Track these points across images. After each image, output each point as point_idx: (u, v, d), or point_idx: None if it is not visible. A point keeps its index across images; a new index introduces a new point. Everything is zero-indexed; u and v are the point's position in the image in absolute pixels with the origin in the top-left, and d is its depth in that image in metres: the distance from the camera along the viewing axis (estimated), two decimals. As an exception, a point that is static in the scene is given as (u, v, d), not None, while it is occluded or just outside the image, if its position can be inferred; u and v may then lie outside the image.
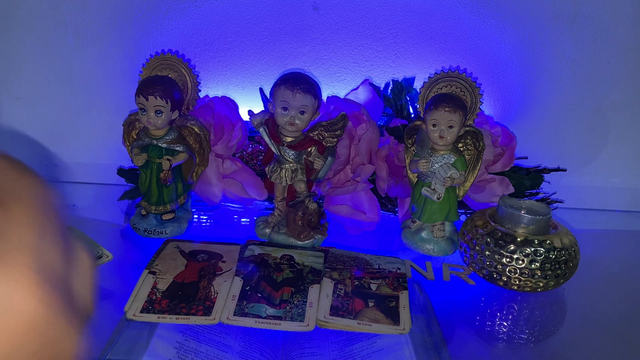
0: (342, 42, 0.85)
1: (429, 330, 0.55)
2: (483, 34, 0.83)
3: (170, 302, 0.56)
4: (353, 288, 0.61)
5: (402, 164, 0.76)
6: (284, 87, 0.65)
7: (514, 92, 0.87)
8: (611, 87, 0.86)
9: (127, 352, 0.49)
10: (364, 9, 0.83)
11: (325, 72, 0.86)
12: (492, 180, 0.78)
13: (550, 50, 0.84)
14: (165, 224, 0.73)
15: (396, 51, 0.85)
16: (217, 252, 0.68)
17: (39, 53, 0.85)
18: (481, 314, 0.61)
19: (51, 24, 0.83)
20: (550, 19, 0.82)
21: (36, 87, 0.88)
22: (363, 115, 0.77)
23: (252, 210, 0.83)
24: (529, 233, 0.61)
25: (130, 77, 0.76)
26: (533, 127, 0.88)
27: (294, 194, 0.74)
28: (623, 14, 0.81)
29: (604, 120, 0.89)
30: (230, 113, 0.80)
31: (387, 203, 0.82)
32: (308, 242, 0.71)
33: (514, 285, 0.61)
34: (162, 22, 0.83)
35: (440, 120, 0.66)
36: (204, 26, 0.84)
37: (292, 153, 0.70)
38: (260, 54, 0.85)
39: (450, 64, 0.85)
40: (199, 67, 0.86)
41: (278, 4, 0.82)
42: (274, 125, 0.69)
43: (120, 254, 0.67)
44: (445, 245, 0.72)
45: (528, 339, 0.57)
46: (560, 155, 0.90)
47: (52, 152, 0.92)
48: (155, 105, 0.66)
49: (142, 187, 0.72)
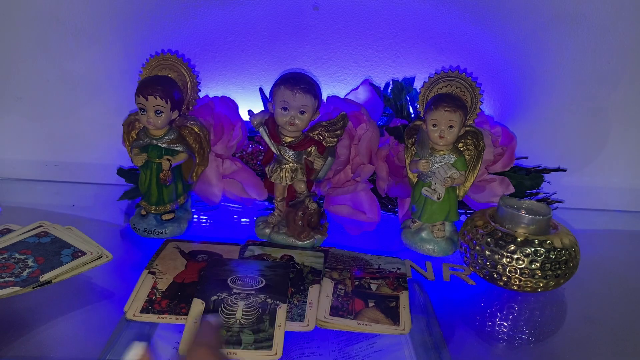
0: (342, 42, 0.85)
1: (429, 330, 0.55)
2: (483, 33, 0.83)
3: (170, 302, 0.56)
4: (353, 288, 0.61)
5: (402, 164, 0.76)
6: (284, 87, 0.65)
7: (514, 92, 0.87)
8: (611, 87, 0.86)
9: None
10: (364, 9, 0.83)
11: (325, 72, 0.86)
12: (492, 180, 0.78)
13: (550, 50, 0.84)
14: (165, 224, 0.73)
15: (396, 51, 0.85)
16: (217, 252, 0.67)
17: (39, 53, 0.85)
18: (481, 314, 0.61)
19: (51, 24, 0.83)
20: (550, 19, 0.82)
21: (36, 87, 0.88)
22: (363, 115, 0.77)
23: (252, 210, 0.82)
24: (529, 233, 0.61)
25: (130, 77, 0.76)
26: (533, 127, 0.88)
27: (294, 194, 0.74)
28: (623, 14, 0.81)
29: (604, 120, 0.89)
30: (230, 113, 0.80)
31: (387, 203, 0.82)
32: (308, 242, 0.71)
33: (514, 286, 0.61)
34: (162, 22, 0.83)
35: (440, 120, 0.66)
36: (204, 26, 0.84)
37: (292, 153, 0.70)
38: (260, 54, 0.85)
39: (450, 64, 0.85)
40: (199, 67, 0.86)
41: (278, 4, 0.82)
42: (274, 125, 0.69)
43: (120, 254, 0.67)
44: (445, 245, 0.72)
45: (528, 339, 0.57)
46: (560, 155, 0.90)
47: (52, 152, 0.92)
48: (155, 105, 0.66)
49: (142, 187, 0.72)
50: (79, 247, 0.64)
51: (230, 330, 0.52)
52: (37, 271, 0.59)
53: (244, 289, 0.58)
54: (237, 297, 0.56)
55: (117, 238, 0.74)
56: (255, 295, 0.57)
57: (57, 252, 0.63)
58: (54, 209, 0.81)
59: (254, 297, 0.56)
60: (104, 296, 0.60)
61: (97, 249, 0.64)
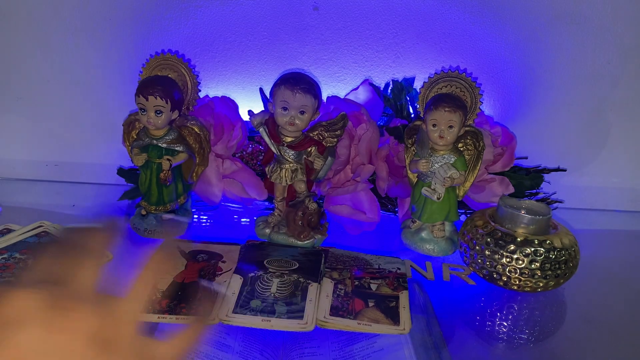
0: (342, 42, 0.85)
1: (429, 330, 0.55)
2: (483, 33, 0.83)
3: (170, 302, 0.56)
4: (353, 288, 0.61)
5: (402, 164, 0.76)
6: (284, 87, 0.65)
7: (514, 92, 0.87)
8: (611, 87, 0.86)
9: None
10: (364, 9, 0.83)
11: (325, 72, 0.86)
12: (492, 180, 0.78)
13: (550, 50, 0.84)
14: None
15: (396, 51, 0.85)
16: (217, 252, 0.68)
17: (39, 53, 0.85)
18: (481, 314, 0.61)
19: (51, 24, 0.83)
20: (550, 19, 0.82)
21: (36, 87, 0.88)
22: (363, 115, 0.77)
23: (252, 210, 0.82)
24: (529, 233, 0.61)
25: (130, 77, 0.76)
26: (533, 127, 0.88)
27: (294, 194, 0.74)
28: (623, 14, 0.81)
29: (604, 120, 0.89)
30: (230, 113, 0.80)
31: (387, 203, 0.82)
32: (308, 242, 0.71)
33: (514, 285, 0.61)
34: (162, 22, 0.83)
35: (440, 120, 0.66)
36: (204, 26, 0.84)
37: (292, 153, 0.70)
38: (260, 54, 0.85)
39: (450, 64, 0.85)
40: (199, 67, 0.86)
41: (278, 4, 0.82)
42: (274, 125, 0.69)
43: (120, 254, 0.67)
44: (445, 245, 0.72)
45: (528, 339, 0.57)
46: (560, 155, 0.90)
47: (52, 152, 0.92)
48: (155, 105, 0.66)
49: (142, 187, 0.72)
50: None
51: (266, 301, 0.57)
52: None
53: (278, 269, 0.64)
54: (272, 275, 0.62)
55: (118, 238, 0.74)
56: (289, 274, 0.63)
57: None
58: (54, 209, 0.81)
59: (288, 276, 0.62)
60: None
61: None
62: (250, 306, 0.56)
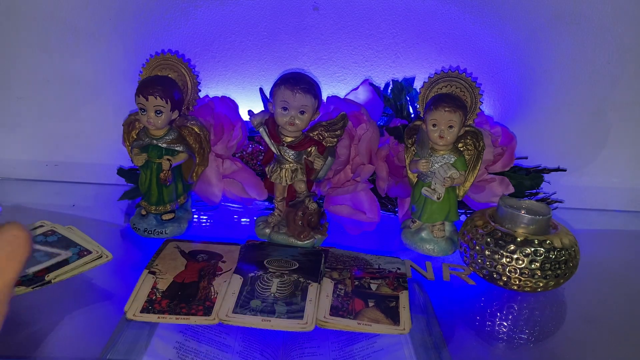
0: (342, 42, 0.85)
1: (429, 330, 0.55)
2: (483, 33, 0.83)
3: (170, 302, 0.56)
4: (353, 288, 0.61)
5: (402, 164, 0.76)
6: (284, 87, 0.65)
7: (514, 92, 0.87)
8: (611, 87, 0.86)
9: (127, 352, 0.49)
10: (364, 9, 0.83)
11: (325, 72, 0.87)
12: (492, 180, 0.78)
13: (550, 50, 0.84)
14: (165, 224, 0.73)
15: (396, 51, 0.85)
16: (217, 252, 0.68)
17: (39, 53, 0.85)
18: (481, 314, 0.61)
19: (51, 24, 0.83)
20: (550, 19, 0.82)
21: (36, 87, 0.88)
22: (363, 115, 0.77)
23: (252, 210, 0.83)
24: (529, 233, 0.61)
25: (130, 77, 0.76)
26: (533, 127, 0.88)
27: (294, 194, 0.74)
28: (623, 14, 0.81)
29: (604, 121, 0.89)
30: (230, 113, 0.80)
31: (387, 203, 0.82)
32: (308, 242, 0.71)
33: (514, 285, 0.62)
34: (162, 22, 0.83)
35: (440, 120, 0.66)
36: (203, 26, 0.84)
37: (292, 153, 0.70)
38: (260, 54, 0.86)
39: (450, 64, 0.85)
40: (199, 67, 0.86)
41: (278, 4, 0.82)
42: (274, 125, 0.69)
43: (120, 254, 0.67)
44: (445, 245, 0.72)
45: (528, 339, 0.57)
46: (560, 155, 0.90)
47: (52, 152, 0.92)
48: (155, 105, 0.66)
49: (142, 187, 0.72)
50: (85, 246, 0.65)
51: (266, 301, 0.57)
52: (43, 270, 0.59)
53: (278, 269, 0.63)
54: (272, 275, 0.62)
55: (118, 238, 0.74)
56: (289, 274, 0.62)
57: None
58: (54, 209, 0.81)
59: (288, 276, 0.62)
60: (104, 296, 0.60)
61: (97, 249, 0.64)
62: (250, 306, 0.56)
